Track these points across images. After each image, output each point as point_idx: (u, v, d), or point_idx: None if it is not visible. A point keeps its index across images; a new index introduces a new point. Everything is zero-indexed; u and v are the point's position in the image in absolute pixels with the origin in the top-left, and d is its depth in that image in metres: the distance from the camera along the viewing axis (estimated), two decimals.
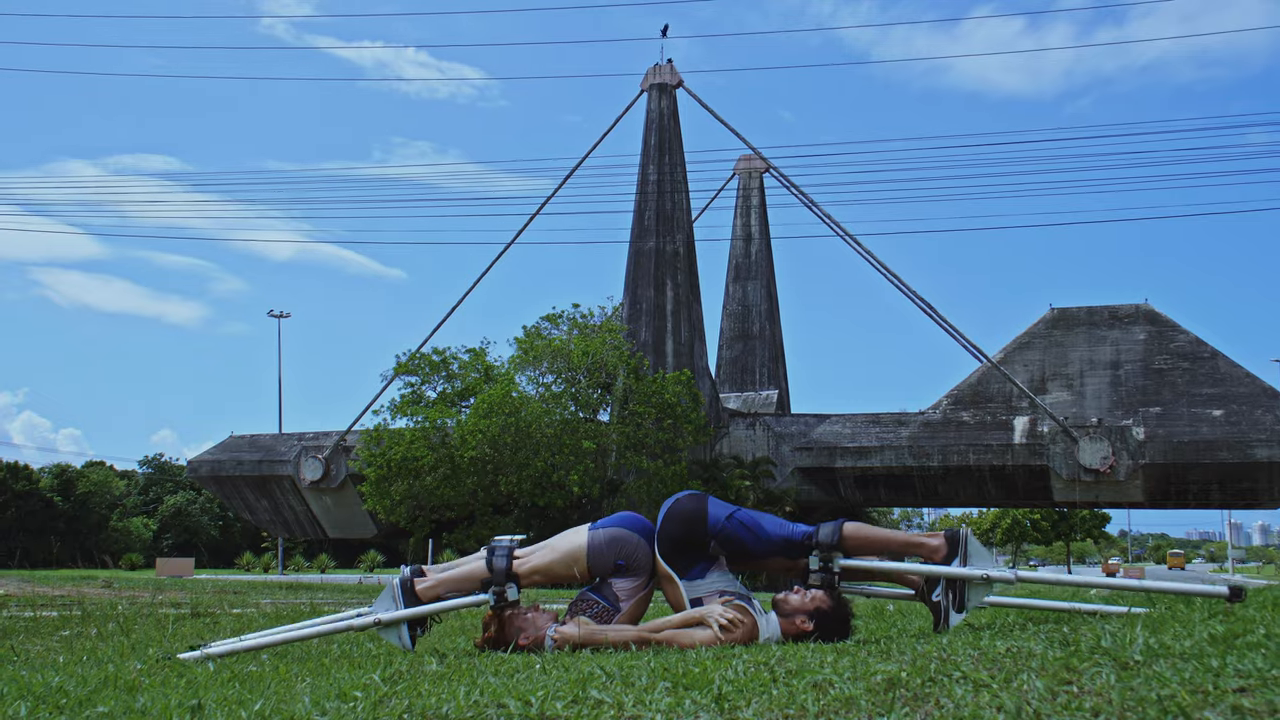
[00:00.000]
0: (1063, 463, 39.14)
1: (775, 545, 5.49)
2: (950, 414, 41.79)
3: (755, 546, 5.47)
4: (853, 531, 5.48)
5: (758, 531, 5.49)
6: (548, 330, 41.79)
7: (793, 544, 5.47)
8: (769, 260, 55.67)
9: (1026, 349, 42.33)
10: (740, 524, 5.48)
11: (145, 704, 3.24)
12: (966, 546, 5.39)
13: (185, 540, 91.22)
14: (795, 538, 5.48)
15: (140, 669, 4.63)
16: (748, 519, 5.52)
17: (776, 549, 5.49)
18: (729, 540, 5.44)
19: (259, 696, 3.36)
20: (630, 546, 5.55)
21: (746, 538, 5.47)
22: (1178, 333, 41.12)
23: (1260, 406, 38.63)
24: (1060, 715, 2.30)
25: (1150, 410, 39.60)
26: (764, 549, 5.48)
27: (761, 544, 5.48)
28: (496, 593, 5.49)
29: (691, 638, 5.03)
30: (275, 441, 49.74)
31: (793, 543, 5.47)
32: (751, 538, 5.47)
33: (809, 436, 42.62)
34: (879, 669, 3.29)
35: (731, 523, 5.47)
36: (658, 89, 46.23)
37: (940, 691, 2.78)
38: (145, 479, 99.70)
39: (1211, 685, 2.50)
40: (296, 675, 4.22)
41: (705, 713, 2.70)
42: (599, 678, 3.48)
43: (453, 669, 4.18)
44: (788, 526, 5.54)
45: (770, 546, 5.48)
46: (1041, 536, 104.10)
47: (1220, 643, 3.29)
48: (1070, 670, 2.98)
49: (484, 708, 2.91)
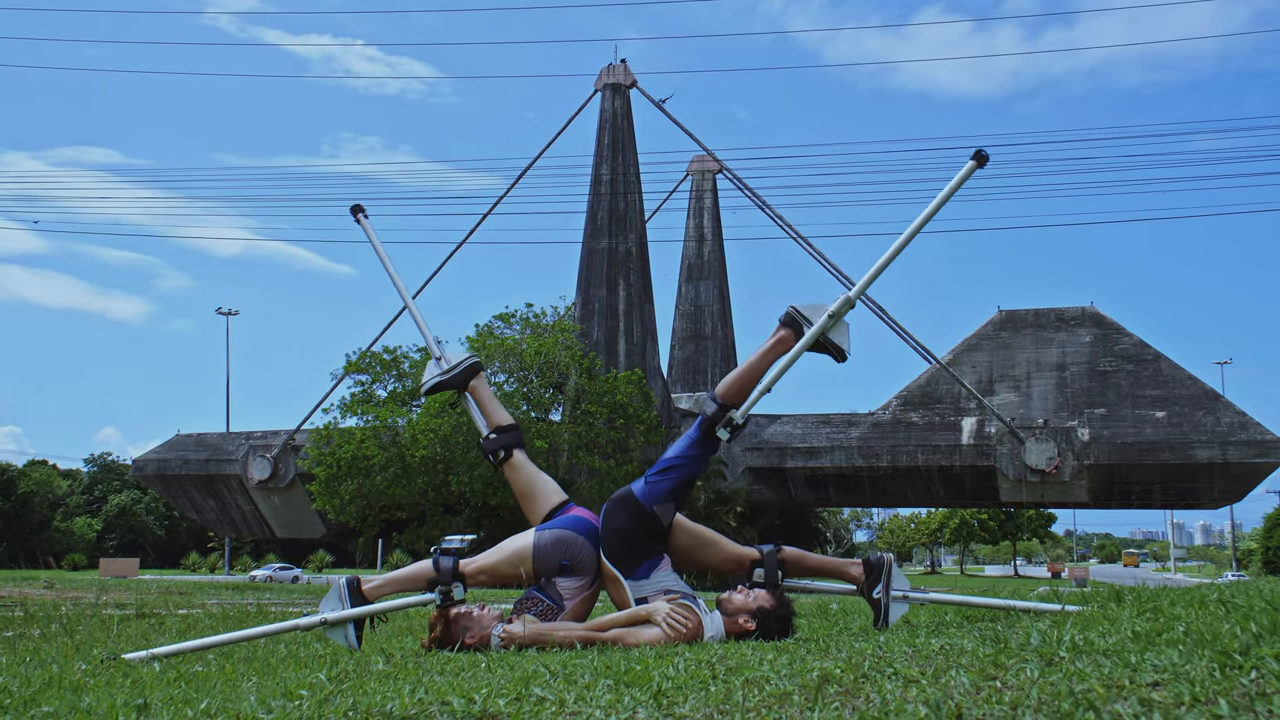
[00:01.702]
0: (1009, 463, 39.67)
1: (690, 447, 5.70)
2: (899, 415, 42.21)
3: (684, 470, 5.65)
4: (790, 555, 5.77)
5: (671, 462, 5.66)
6: (500, 329, 41.73)
7: (698, 436, 5.71)
8: (721, 261, 55.94)
9: (975, 351, 42.85)
10: (657, 474, 5.64)
11: (91, 704, 3.27)
12: (889, 573, 5.69)
13: (130, 540, 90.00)
14: (695, 434, 5.71)
15: (85, 669, 4.64)
16: (657, 468, 5.69)
17: (693, 447, 5.70)
18: (668, 493, 5.59)
19: (205, 695, 3.39)
20: (575, 548, 5.63)
21: (674, 474, 5.63)
22: (1122, 335, 41.80)
23: (1201, 408, 39.36)
24: (980, 708, 2.40)
25: (1095, 412, 40.23)
26: (686, 462, 5.66)
27: (683, 462, 5.66)
28: (443, 592, 5.54)
29: (638, 636, 5.10)
30: (223, 440, 49.26)
31: (696, 437, 5.71)
32: (675, 472, 5.63)
33: (760, 437, 42.86)
34: (815, 666, 3.38)
35: (652, 481, 5.62)
36: (611, 89, 46.30)
37: (871, 687, 2.87)
38: (90, 478, 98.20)
39: (1128, 680, 2.61)
40: (243, 675, 4.25)
41: (644, 709, 2.78)
42: (542, 676, 3.54)
43: (399, 668, 4.23)
44: (685, 437, 5.78)
45: (689, 453, 5.68)
46: (989, 536, 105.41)
47: (1142, 639, 3.41)
48: (997, 666, 3.09)
49: (428, 705, 2.96)
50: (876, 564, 5.74)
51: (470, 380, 6.36)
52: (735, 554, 5.80)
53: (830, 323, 5.73)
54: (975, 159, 5.81)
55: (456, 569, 5.61)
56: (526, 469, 6.10)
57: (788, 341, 5.79)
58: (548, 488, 6.06)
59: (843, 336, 5.78)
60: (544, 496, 6.02)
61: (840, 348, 5.79)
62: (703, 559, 5.85)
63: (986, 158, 5.82)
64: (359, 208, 6.86)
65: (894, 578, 5.68)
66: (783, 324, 5.84)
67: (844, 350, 5.81)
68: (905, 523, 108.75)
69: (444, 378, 6.35)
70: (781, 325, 5.84)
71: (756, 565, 5.68)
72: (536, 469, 6.14)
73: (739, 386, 5.75)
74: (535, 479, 6.08)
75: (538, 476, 6.10)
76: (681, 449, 5.71)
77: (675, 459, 5.68)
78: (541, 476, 6.11)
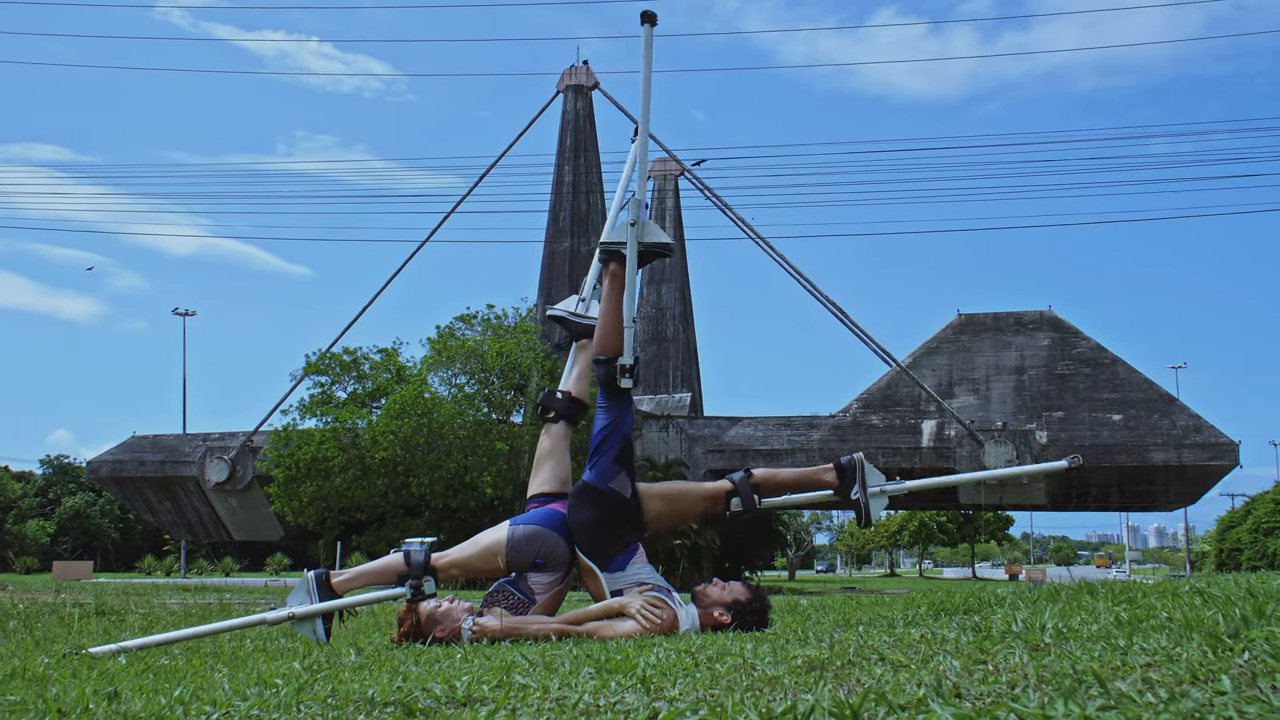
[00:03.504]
0: (969, 465, 39.91)
1: (606, 414, 5.78)
2: (860, 417, 42.39)
3: (614, 436, 5.70)
4: (762, 477, 5.92)
5: (600, 437, 5.71)
6: (461, 331, 41.50)
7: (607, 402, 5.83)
8: (683, 263, 55.93)
9: (934, 354, 43.11)
10: (595, 455, 5.68)
11: (58, 693, 3.17)
12: (863, 472, 5.82)
13: (85, 543, 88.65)
14: (603, 402, 5.83)
15: (48, 663, 4.52)
16: (592, 450, 5.72)
17: (608, 413, 5.79)
18: (613, 465, 5.64)
19: (176, 685, 3.30)
20: (549, 544, 5.59)
21: (608, 445, 5.68)
22: (1080, 339, 42.22)
23: (1157, 412, 39.83)
24: (977, 687, 2.37)
25: (1053, 414, 40.59)
26: (612, 429, 5.72)
27: (609, 431, 5.72)
28: (413, 585, 5.47)
29: (614, 629, 5.05)
30: (179, 442, 48.63)
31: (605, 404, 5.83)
32: (608, 443, 5.68)
33: (721, 439, 42.90)
34: (798, 654, 3.35)
35: (594, 463, 5.67)
36: (574, 90, 46.19)
37: (860, 671, 2.84)
38: (44, 480, 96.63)
39: (1120, 661, 2.60)
40: (212, 667, 4.16)
41: (631, 693, 2.73)
42: (522, 665, 3.49)
43: (372, 660, 4.15)
44: (598, 410, 5.86)
45: (608, 419, 5.75)
46: (947, 539, 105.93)
47: (1126, 626, 3.41)
48: (983, 652, 3.07)
49: (409, 692, 2.90)
50: (848, 466, 5.85)
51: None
52: (709, 491, 5.88)
53: (640, 229, 5.85)
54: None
55: (427, 563, 5.54)
56: (556, 444, 6.11)
57: (619, 273, 5.93)
58: (555, 473, 6.03)
59: (655, 232, 5.93)
60: (545, 477, 6.01)
61: (662, 243, 5.98)
62: (681, 509, 5.91)
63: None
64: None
65: (868, 475, 5.78)
66: (604, 262, 6.04)
67: (667, 242, 6.01)
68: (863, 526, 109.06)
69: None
70: (604, 264, 6.04)
71: (732, 495, 5.72)
72: (565, 451, 6.13)
73: (610, 336, 5.90)
74: (553, 456, 6.07)
75: (557, 457, 6.09)
76: (601, 422, 5.77)
77: (601, 433, 5.72)
78: (562, 460, 6.09)
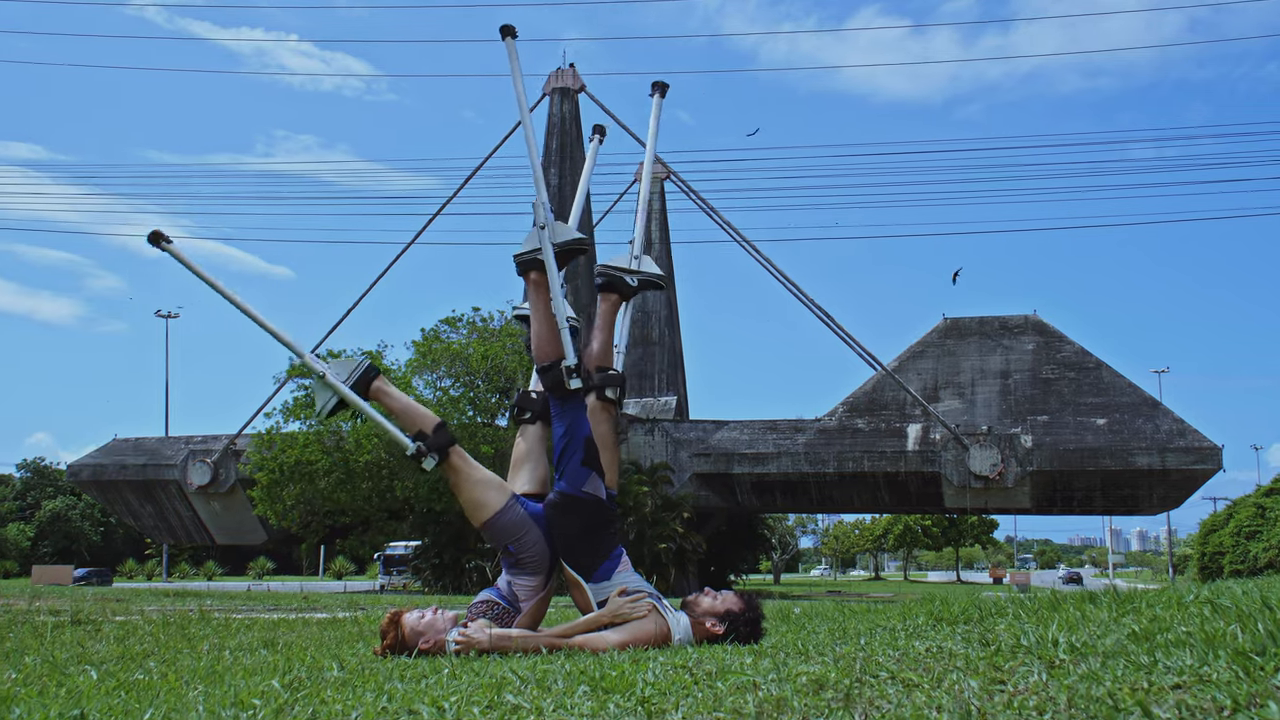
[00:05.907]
0: (954, 470, 39.87)
1: (560, 423, 5.69)
2: (846, 421, 42.31)
3: (575, 440, 5.59)
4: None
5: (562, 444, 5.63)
6: (446, 334, 41.25)
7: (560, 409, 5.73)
8: (670, 266, 55.81)
9: (920, 358, 43.09)
10: (561, 463, 5.59)
11: (22, 715, 3.00)
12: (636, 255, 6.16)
13: (65, 547, 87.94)
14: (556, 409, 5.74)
15: (15, 678, 4.34)
16: (557, 459, 5.65)
17: (562, 419, 5.70)
18: (580, 468, 5.52)
19: (148, 705, 3.13)
20: (530, 540, 5.48)
21: (572, 450, 5.57)
22: (1064, 343, 42.27)
23: (1141, 416, 39.86)
24: (1004, 713, 2.22)
25: (1038, 419, 40.58)
26: (571, 433, 5.62)
27: (568, 437, 5.62)
28: (419, 448, 5.52)
29: (604, 640, 4.91)
30: (161, 445, 48.26)
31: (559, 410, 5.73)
32: (571, 448, 5.58)
33: (707, 443, 42.76)
34: (802, 670, 3.20)
35: (563, 471, 5.57)
36: (560, 93, 46.02)
37: (872, 691, 2.69)
38: (23, 483, 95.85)
39: (1147, 682, 2.46)
40: (188, 684, 3.98)
41: (631, 716, 2.57)
42: (513, 682, 3.33)
43: (355, 675, 3.98)
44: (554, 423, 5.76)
45: (563, 426, 5.67)
46: (932, 542, 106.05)
47: (1142, 640, 3.27)
48: (998, 669, 2.93)
49: (394, 714, 2.73)
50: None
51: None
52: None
53: (551, 230, 5.92)
54: None
55: (449, 443, 5.56)
56: (533, 445, 6.07)
57: (540, 280, 5.90)
58: (535, 474, 5.92)
59: (568, 232, 5.97)
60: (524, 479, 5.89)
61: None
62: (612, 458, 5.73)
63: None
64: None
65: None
66: (522, 274, 5.98)
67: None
68: (850, 529, 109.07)
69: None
70: (523, 275, 5.98)
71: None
72: (542, 452, 6.05)
73: (546, 343, 5.82)
74: (530, 458, 6.00)
75: (535, 459, 6.02)
76: (559, 432, 5.69)
77: (560, 441, 5.65)
78: (540, 461, 6.01)
